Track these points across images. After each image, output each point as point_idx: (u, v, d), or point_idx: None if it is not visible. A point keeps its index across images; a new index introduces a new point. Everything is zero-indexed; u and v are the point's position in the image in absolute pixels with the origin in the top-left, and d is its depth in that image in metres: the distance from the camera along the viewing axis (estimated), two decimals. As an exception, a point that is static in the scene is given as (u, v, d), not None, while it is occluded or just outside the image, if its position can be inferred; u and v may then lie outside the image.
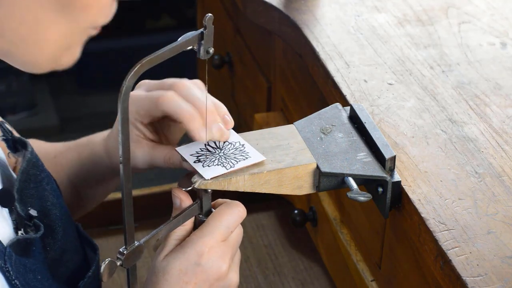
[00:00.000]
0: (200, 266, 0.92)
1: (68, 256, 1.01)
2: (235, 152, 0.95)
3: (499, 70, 1.19)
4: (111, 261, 0.88)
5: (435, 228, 0.93)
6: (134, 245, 0.89)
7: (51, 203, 0.97)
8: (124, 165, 0.84)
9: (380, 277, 1.10)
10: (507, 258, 0.89)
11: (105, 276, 0.88)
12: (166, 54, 0.86)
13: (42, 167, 0.98)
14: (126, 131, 0.83)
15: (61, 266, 1.00)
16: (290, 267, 1.49)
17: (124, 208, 0.86)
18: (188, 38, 0.88)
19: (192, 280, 0.92)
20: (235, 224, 0.95)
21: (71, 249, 1.01)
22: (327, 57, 1.20)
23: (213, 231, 0.93)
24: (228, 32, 1.64)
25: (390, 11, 1.32)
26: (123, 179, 0.85)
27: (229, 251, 0.94)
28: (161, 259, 0.94)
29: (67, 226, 1.00)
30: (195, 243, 0.93)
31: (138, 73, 0.83)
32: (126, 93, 0.82)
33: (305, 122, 1.02)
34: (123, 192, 0.86)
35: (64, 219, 0.99)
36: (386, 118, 1.09)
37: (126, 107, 0.82)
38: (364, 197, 0.94)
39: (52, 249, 0.98)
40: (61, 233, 0.98)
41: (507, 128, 1.08)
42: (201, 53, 0.89)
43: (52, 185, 0.98)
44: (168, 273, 0.93)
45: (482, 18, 1.31)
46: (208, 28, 0.88)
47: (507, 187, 0.98)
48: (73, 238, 1.02)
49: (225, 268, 0.93)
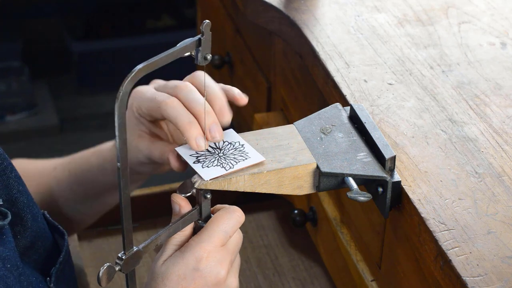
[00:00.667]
0: (198, 271, 0.93)
1: (39, 243, 1.01)
2: (235, 153, 0.95)
3: (499, 70, 1.19)
4: (110, 266, 0.88)
5: (435, 228, 0.93)
6: (132, 250, 0.89)
7: (17, 190, 0.98)
8: (122, 170, 0.84)
9: (380, 277, 1.10)
10: (507, 258, 0.89)
11: (104, 281, 0.88)
12: (163, 60, 0.86)
13: (3, 155, 0.98)
14: (123, 137, 0.83)
15: (34, 253, 1.00)
16: (290, 267, 1.49)
17: (122, 214, 0.86)
18: (186, 44, 0.88)
19: (191, 285, 0.93)
20: (233, 229, 0.95)
21: (42, 236, 1.02)
22: (327, 57, 1.20)
23: (211, 236, 0.93)
24: (228, 32, 1.64)
25: (390, 11, 1.32)
26: (121, 184, 0.85)
27: (228, 256, 0.94)
28: (160, 264, 0.94)
29: (36, 213, 1.00)
30: (193, 249, 0.93)
31: (135, 79, 0.83)
32: (123, 99, 0.82)
33: (305, 122, 1.02)
34: (120, 198, 0.86)
35: (32, 206, 1.00)
36: (386, 118, 1.09)
37: (123, 113, 0.82)
38: (364, 197, 0.94)
39: (23, 237, 0.98)
40: (30, 220, 0.99)
41: (507, 128, 1.08)
42: (199, 59, 0.89)
43: (15, 173, 0.99)
44: (167, 278, 0.93)
45: (482, 18, 1.31)
46: (205, 34, 0.88)
47: (507, 187, 0.98)
48: (42, 224, 1.02)
49: (223, 273, 0.94)
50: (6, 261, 0.92)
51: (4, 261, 0.91)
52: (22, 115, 2.94)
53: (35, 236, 1.00)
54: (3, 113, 2.93)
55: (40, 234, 1.01)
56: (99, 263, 1.50)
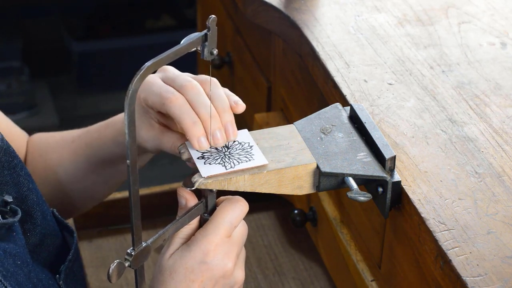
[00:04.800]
0: (206, 264, 0.93)
1: (49, 241, 1.01)
2: (241, 153, 0.95)
3: (499, 70, 1.19)
4: (120, 262, 0.88)
5: (435, 228, 0.93)
6: (141, 245, 0.90)
7: (27, 188, 0.98)
8: (132, 167, 0.85)
9: (380, 277, 1.10)
10: (507, 258, 0.89)
11: (114, 277, 0.89)
12: (171, 56, 0.86)
13: (14, 153, 0.98)
14: (132, 134, 0.83)
15: (43, 251, 1.01)
16: (290, 267, 1.49)
17: (132, 210, 0.87)
18: (192, 39, 0.88)
19: (199, 278, 0.93)
20: (238, 219, 0.95)
21: (51, 234, 1.02)
22: (327, 57, 1.20)
23: (217, 228, 0.94)
24: (228, 32, 1.64)
25: (390, 11, 1.32)
26: (130, 180, 0.85)
27: (234, 248, 0.95)
28: (167, 257, 0.95)
29: (45, 211, 1.01)
30: (200, 242, 0.93)
31: (144, 76, 0.83)
32: (132, 96, 0.82)
33: (305, 122, 1.02)
34: (130, 194, 0.86)
35: (41, 204, 1.00)
36: (386, 118, 1.09)
37: (132, 111, 0.83)
38: (364, 197, 0.94)
39: (32, 235, 0.98)
40: (40, 217, 0.99)
41: (507, 128, 1.08)
42: (205, 55, 0.89)
43: (25, 171, 0.99)
44: (175, 271, 0.93)
45: (482, 18, 1.31)
46: (211, 29, 0.88)
47: (507, 187, 0.98)
48: (52, 222, 1.03)
49: (230, 265, 0.94)
50: (17, 258, 0.92)
51: (15, 258, 0.92)
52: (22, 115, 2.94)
53: (45, 233, 1.00)
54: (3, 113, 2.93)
55: (49, 231, 1.01)
56: (99, 263, 1.50)
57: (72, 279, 1.03)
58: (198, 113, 0.95)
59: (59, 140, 1.18)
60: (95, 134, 1.13)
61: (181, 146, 0.96)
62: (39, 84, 3.04)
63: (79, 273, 1.07)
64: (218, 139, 0.94)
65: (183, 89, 0.96)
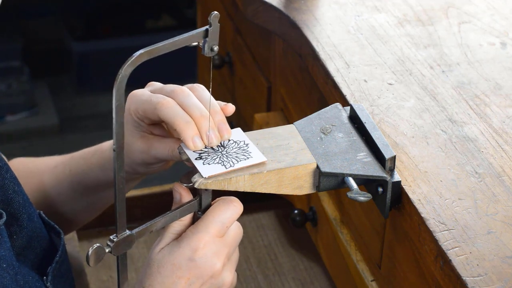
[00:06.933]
0: (193, 261, 0.93)
1: (36, 243, 1.01)
2: (238, 152, 0.95)
3: (499, 70, 1.19)
4: (99, 246, 0.89)
5: (435, 228, 0.93)
6: (125, 233, 0.90)
7: (13, 190, 0.98)
8: (118, 153, 0.85)
9: (380, 277, 1.10)
10: (507, 258, 0.89)
11: (92, 261, 0.89)
12: (166, 47, 0.85)
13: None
14: (120, 119, 0.84)
15: (30, 253, 1.00)
16: (290, 267, 1.49)
17: (116, 196, 0.87)
18: (192, 34, 0.88)
19: (185, 275, 0.93)
20: (231, 220, 0.95)
21: (38, 235, 1.02)
22: (327, 57, 1.20)
23: (208, 227, 0.93)
24: (228, 32, 1.64)
25: (390, 11, 1.32)
26: (115, 166, 0.85)
27: (225, 248, 0.94)
28: (157, 251, 0.95)
29: (31, 213, 1.01)
30: (189, 238, 0.93)
31: (136, 63, 0.83)
32: (121, 81, 0.82)
33: (305, 122, 1.02)
34: (115, 180, 0.86)
35: (27, 206, 1.00)
36: (386, 118, 1.09)
37: (121, 95, 0.83)
38: (364, 197, 0.94)
39: (19, 237, 0.98)
40: (26, 220, 0.99)
41: (507, 128, 1.08)
42: (205, 50, 0.89)
43: (10, 173, 0.99)
44: (163, 266, 0.93)
45: (482, 18, 1.31)
46: (213, 25, 0.87)
47: (507, 187, 0.98)
48: (38, 224, 1.03)
49: (219, 265, 0.94)
50: (2, 261, 0.92)
51: (0, 260, 0.92)
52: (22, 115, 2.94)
53: (31, 235, 1.00)
54: (3, 113, 2.93)
55: (36, 233, 1.01)
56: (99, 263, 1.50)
57: (60, 280, 1.03)
58: (190, 114, 0.95)
59: (40, 164, 1.18)
60: (81, 160, 1.13)
61: (180, 146, 0.97)
62: (39, 84, 3.04)
63: (67, 274, 1.06)
64: (212, 137, 0.95)
65: (173, 93, 0.97)
